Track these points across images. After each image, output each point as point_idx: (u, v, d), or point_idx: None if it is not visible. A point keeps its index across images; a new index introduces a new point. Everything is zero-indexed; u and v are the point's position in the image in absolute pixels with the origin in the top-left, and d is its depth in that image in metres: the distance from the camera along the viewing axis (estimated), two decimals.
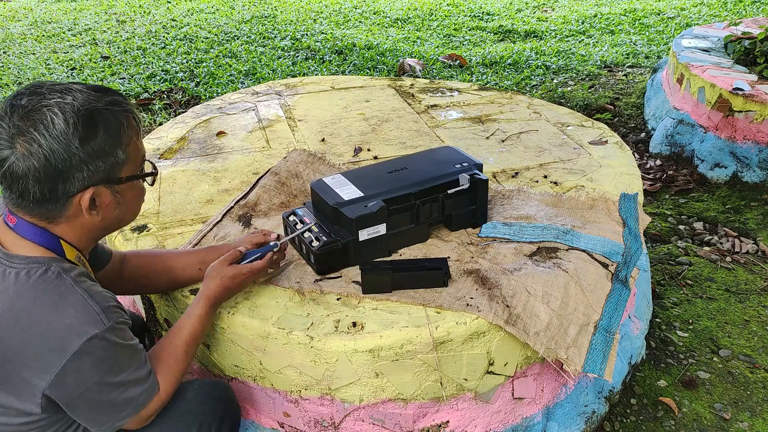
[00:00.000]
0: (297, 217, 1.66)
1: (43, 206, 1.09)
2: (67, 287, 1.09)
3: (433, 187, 1.65)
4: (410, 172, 1.69)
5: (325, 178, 1.69)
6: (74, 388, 1.09)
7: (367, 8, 6.97)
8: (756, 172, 3.12)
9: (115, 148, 1.11)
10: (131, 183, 1.18)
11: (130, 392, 1.16)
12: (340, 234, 1.56)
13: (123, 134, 1.12)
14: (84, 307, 1.08)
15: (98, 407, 1.14)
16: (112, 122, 1.10)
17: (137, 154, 1.18)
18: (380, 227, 1.58)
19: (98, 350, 1.08)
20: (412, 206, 1.62)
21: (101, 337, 1.08)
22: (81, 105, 1.07)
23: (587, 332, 1.51)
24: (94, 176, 1.10)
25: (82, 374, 1.08)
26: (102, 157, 1.09)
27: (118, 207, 1.18)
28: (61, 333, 1.06)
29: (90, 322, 1.08)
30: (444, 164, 1.73)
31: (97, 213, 1.15)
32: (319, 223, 1.61)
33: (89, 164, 1.08)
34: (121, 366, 1.14)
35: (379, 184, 1.64)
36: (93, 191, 1.11)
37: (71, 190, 1.09)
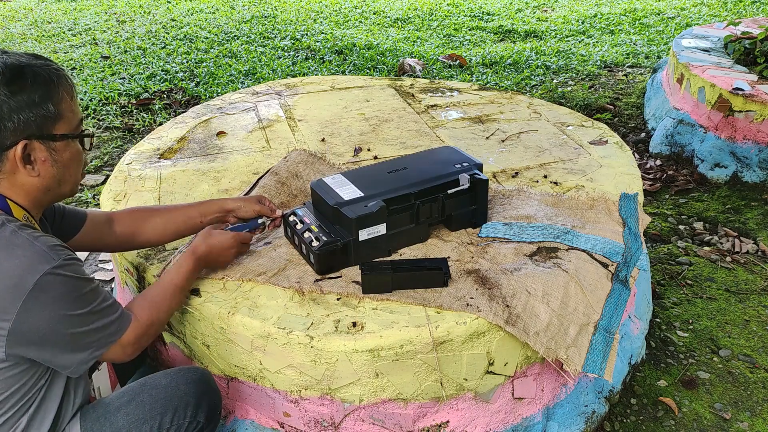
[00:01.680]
0: (297, 217, 1.66)
1: None
2: (12, 232, 1.12)
3: (433, 187, 1.64)
4: (410, 172, 1.69)
5: (325, 178, 1.69)
6: (37, 326, 1.11)
7: (367, 8, 6.97)
8: (756, 172, 3.12)
9: (45, 100, 1.14)
10: (66, 142, 1.20)
11: (99, 323, 1.18)
12: (340, 234, 1.56)
13: (53, 88, 1.16)
14: (31, 247, 1.11)
15: (66, 343, 1.15)
16: (41, 76, 1.14)
17: (72, 115, 1.20)
18: (380, 227, 1.58)
19: (54, 285, 1.11)
20: (412, 206, 1.62)
21: (54, 273, 1.10)
22: (12, 61, 1.13)
23: (587, 332, 1.51)
24: (26, 128, 1.13)
25: (42, 311, 1.10)
26: (32, 107, 1.13)
27: (55, 165, 1.20)
28: (14, 273, 1.09)
29: (41, 260, 1.10)
30: (444, 164, 1.73)
31: (33, 168, 1.17)
32: (320, 223, 1.61)
33: (19, 113, 1.11)
34: (83, 299, 1.15)
35: (379, 184, 1.64)
36: (25, 143, 1.14)
37: (4, 142, 1.12)
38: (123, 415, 1.29)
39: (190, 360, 1.66)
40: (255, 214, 1.68)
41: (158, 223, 1.59)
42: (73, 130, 1.21)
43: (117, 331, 1.23)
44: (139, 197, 2.00)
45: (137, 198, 2.00)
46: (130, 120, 4.02)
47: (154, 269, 1.64)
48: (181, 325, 1.60)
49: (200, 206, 1.64)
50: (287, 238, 1.72)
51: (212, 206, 1.65)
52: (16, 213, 1.18)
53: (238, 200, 1.68)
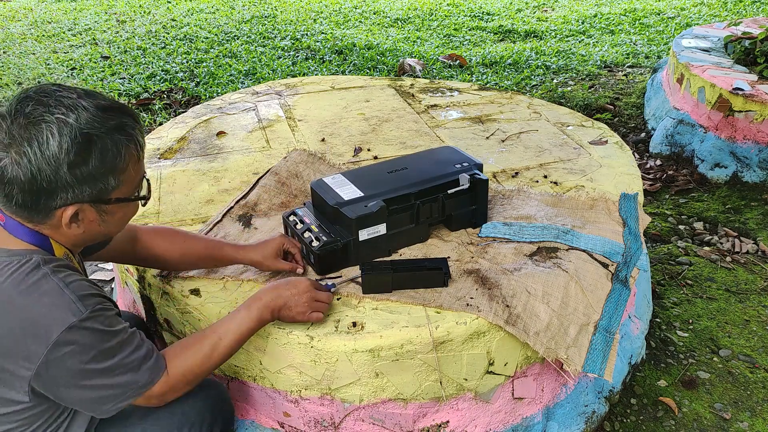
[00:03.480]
0: (297, 217, 1.65)
1: (26, 211, 1.09)
2: (43, 276, 1.08)
3: (433, 187, 1.64)
4: (410, 172, 1.69)
5: (325, 178, 1.68)
6: (60, 378, 1.09)
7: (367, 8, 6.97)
8: (756, 172, 3.12)
9: (106, 175, 1.09)
10: (121, 204, 1.16)
11: (126, 377, 1.14)
12: (341, 234, 1.56)
13: (118, 162, 1.10)
14: (60, 296, 1.07)
15: (92, 393, 1.12)
16: (109, 150, 1.08)
17: (133, 178, 1.16)
18: (380, 227, 1.58)
19: (79, 339, 1.07)
20: (412, 206, 1.62)
21: (80, 326, 1.07)
22: (81, 128, 1.05)
23: (587, 332, 1.51)
24: (80, 196, 1.09)
25: (65, 364, 1.08)
26: (90, 182, 1.08)
27: (102, 224, 1.16)
28: (40, 322, 1.06)
29: (67, 311, 1.06)
30: (444, 164, 1.73)
31: (79, 226, 1.14)
32: (320, 223, 1.61)
33: (75, 188, 1.07)
34: (109, 352, 1.11)
35: (379, 184, 1.64)
36: (77, 208, 1.10)
37: (54, 206, 1.09)
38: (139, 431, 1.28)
39: None
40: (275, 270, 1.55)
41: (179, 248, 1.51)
42: (133, 190, 1.17)
43: (145, 385, 1.17)
44: None
45: None
46: None
47: (153, 269, 1.64)
48: (181, 325, 1.60)
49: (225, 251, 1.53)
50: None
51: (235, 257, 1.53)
52: (57, 251, 1.15)
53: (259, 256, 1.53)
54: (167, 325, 1.67)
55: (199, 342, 1.25)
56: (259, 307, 1.32)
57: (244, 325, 1.29)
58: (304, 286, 1.37)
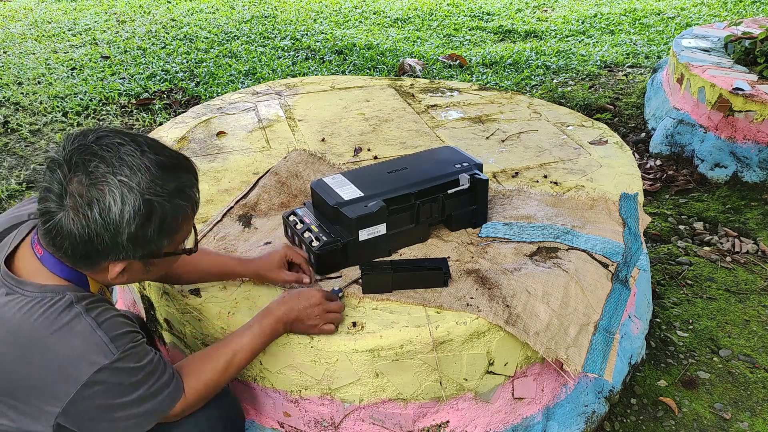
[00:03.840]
0: (297, 217, 1.65)
1: (73, 261, 1.10)
2: (76, 316, 1.07)
3: (434, 187, 1.64)
4: (410, 172, 1.69)
5: (325, 178, 1.68)
6: (86, 414, 1.09)
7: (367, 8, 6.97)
8: (756, 172, 3.12)
9: (162, 239, 1.11)
10: (167, 257, 1.17)
11: (150, 404, 1.15)
12: (341, 234, 1.56)
13: (174, 227, 1.12)
14: (91, 336, 1.07)
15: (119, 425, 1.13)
16: (168, 216, 1.09)
17: (184, 235, 1.18)
18: (380, 227, 1.58)
19: (108, 379, 1.08)
20: (412, 206, 1.62)
21: (110, 368, 1.07)
22: (143, 193, 1.04)
23: (587, 332, 1.51)
24: (131, 256, 1.10)
25: (93, 402, 1.08)
26: (145, 246, 1.09)
27: (146, 274, 1.19)
28: (70, 363, 1.06)
29: (98, 353, 1.07)
30: (444, 164, 1.73)
31: (123, 276, 1.14)
32: (320, 223, 1.61)
33: (129, 250, 1.08)
34: (137, 384, 1.12)
35: (379, 184, 1.64)
36: (125, 265, 1.11)
37: (105, 260, 1.10)
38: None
39: None
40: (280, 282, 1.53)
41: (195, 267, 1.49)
42: (178, 246, 1.18)
43: (166, 409, 1.19)
44: None
45: None
46: (130, 120, 4.02)
47: None
48: (182, 325, 1.60)
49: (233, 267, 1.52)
50: (287, 238, 1.72)
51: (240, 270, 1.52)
52: (93, 287, 1.16)
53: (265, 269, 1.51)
54: (167, 325, 1.67)
55: (214, 358, 1.27)
56: (271, 323, 1.33)
57: (257, 340, 1.31)
58: (316, 298, 1.37)
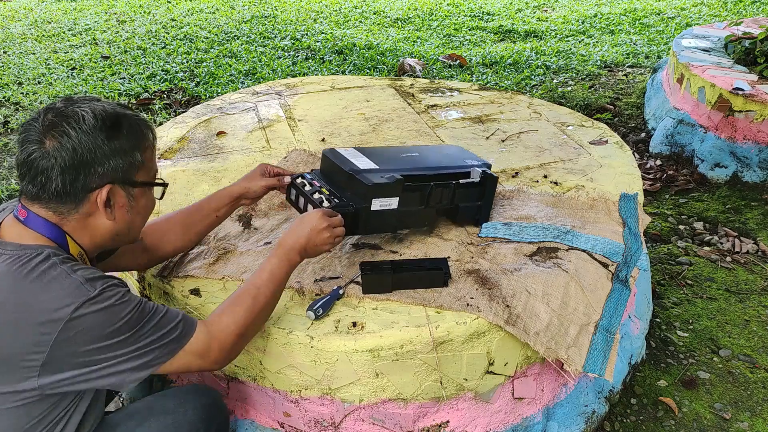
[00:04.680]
0: (306, 180, 1.61)
1: (60, 199, 1.14)
2: (52, 265, 1.10)
3: (447, 174, 1.65)
4: (423, 158, 1.71)
5: (338, 149, 1.66)
6: (71, 355, 1.08)
7: (367, 8, 6.97)
8: (756, 172, 3.12)
9: (134, 149, 1.19)
10: (144, 190, 1.24)
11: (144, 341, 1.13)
12: (353, 201, 1.53)
13: (143, 139, 1.22)
14: (67, 279, 1.09)
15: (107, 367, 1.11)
16: (134, 127, 1.20)
17: (152, 164, 1.26)
18: (393, 201, 1.56)
19: (90, 316, 1.08)
20: (425, 187, 1.61)
21: (90, 304, 1.08)
22: (110, 108, 1.18)
23: (587, 332, 1.51)
24: (113, 174, 1.17)
25: (77, 341, 1.08)
26: (122, 155, 1.17)
27: (130, 211, 1.23)
28: (49, 307, 1.07)
29: (76, 293, 1.08)
30: (455, 158, 1.76)
31: (111, 212, 1.19)
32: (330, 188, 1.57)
33: (111, 159, 1.15)
34: (125, 325, 1.11)
35: (394, 161, 1.64)
36: (110, 188, 1.17)
37: (91, 185, 1.15)
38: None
39: None
40: (264, 190, 1.60)
41: (178, 230, 1.56)
42: (152, 179, 1.26)
43: (177, 340, 1.17)
44: None
45: None
46: None
47: (153, 269, 1.64)
48: None
49: (211, 201, 1.60)
50: (290, 202, 1.65)
51: (222, 198, 1.59)
52: (72, 249, 1.17)
53: (243, 183, 1.61)
54: None
55: (239, 297, 1.29)
56: (286, 252, 1.36)
57: (276, 272, 1.34)
58: (317, 220, 1.40)
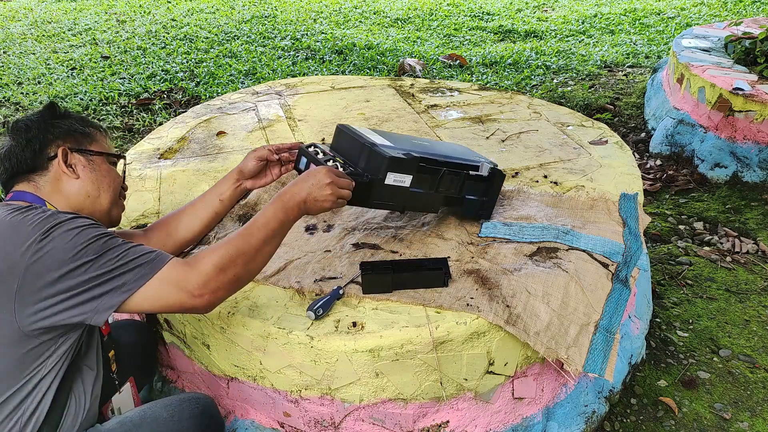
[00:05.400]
0: (318, 148, 1.59)
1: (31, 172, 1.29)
2: (33, 207, 1.20)
3: (458, 163, 1.68)
4: (434, 147, 1.74)
5: (352, 125, 1.65)
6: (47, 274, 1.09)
7: (367, 8, 6.97)
8: (756, 171, 3.12)
9: (83, 126, 1.37)
10: (103, 158, 1.38)
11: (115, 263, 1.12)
12: (368, 171, 1.51)
13: (88, 124, 1.39)
14: (43, 212, 1.17)
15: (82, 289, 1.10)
16: (79, 116, 1.40)
17: (103, 143, 1.41)
18: (407, 178, 1.55)
19: (62, 234, 1.12)
20: (437, 171, 1.62)
21: (62, 224, 1.13)
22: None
23: (587, 332, 1.51)
24: (65, 140, 1.33)
25: (48, 260, 1.09)
26: (71, 127, 1.35)
27: (93, 171, 1.34)
28: (27, 231, 1.12)
29: (49, 219, 1.14)
30: (464, 153, 1.80)
31: (74, 171, 1.32)
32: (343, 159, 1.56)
33: (59, 128, 1.33)
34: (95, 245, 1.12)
35: (408, 143, 1.66)
36: (65, 149, 1.31)
37: (49, 153, 1.30)
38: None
39: (191, 360, 1.66)
40: (259, 161, 1.59)
41: (185, 221, 1.58)
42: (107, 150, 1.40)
43: (148, 265, 1.14)
44: (140, 197, 2.00)
45: (138, 198, 2.00)
46: (130, 120, 4.02)
47: None
48: (182, 325, 1.60)
49: (215, 189, 1.61)
50: (298, 171, 1.61)
51: (225, 184, 1.61)
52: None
53: (239, 167, 1.62)
54: (167, 325, 1.67)
55: (226, 239, 1.24)
56: (285, 201, 1.31)
57: (271, 220, 1.28)
58: (323, 173, 1.36)
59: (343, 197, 1.39)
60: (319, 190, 1.34)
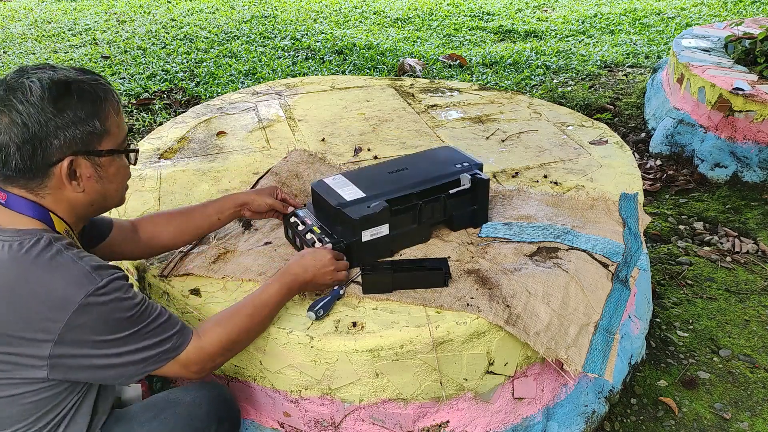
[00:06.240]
0: (298, 218, 1.65)
1: (26, 176, 1.12)
2: (57, 252, 1.11)
3: (435, 187, 1.64)
4: (411, 172, 1.69)
5: (326, 179, 1.68)
6: (81, 346, 1.09)
7: (367, 8, 6.97)
8: (756, 171, 3.12)
9: (91, 117, 1.14)
10: (112, 158, 1.20)
11: (146, 342, 1.15)
12: (343, 235, 1.56)
13: (99, 105, 1.15)
14: (75, 266, 1.10)
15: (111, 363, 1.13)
16: (87, 92, 1.14)
17: (118, 131, 1.20)
18: (383, 228, 1.57)
19: (97, 306, 1.08)
20: (414, 206, 1.62)
21: (98, 294, 1.09)
22: (58, 77, 1.12)
23: (587, 332, 1.51)
24: (72, 145, 1.13)
25: (86, 332, 1.08)
26: (78, 124, 1.12)
27: (99, 181, 1.19)
28: (57, 294, 1.07)
29: (84, 281, 1.08)
30: (444, 164, 1.73)
31: (79, 185, 1.17)
32: (321, 224, 1.61)
33: (65, 130, 1.11)
34: (128, 321, 1.12)
35: (380, 184, 1.64)
36: (71, 160, 1.13)
37: (50, 159, 1.12)
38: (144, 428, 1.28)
39: None
40: (267, 207, 1.64)
41: (177, 225, 1.57)
42: (119, 146, 1.20)
43: (174, 349, 1.19)
44: (140, 197, 2.00)
45: (137, 198, 2.00)
46: (130, 120, 4.02)
47: (154, 270, 1.64)
48: None
49: (216, 204, 1.62)
50: (288, 239, 1.71)
51: (227, 202, 1.62)
52: (58, 226, 1.17)
53: (251, 193, 1.65)
54: None
55: (236, 314, 1.31)
56: (289, 282, 1.41)
57: (275, 297, 1.38)
58: (328, 259, 1.46)
59: (339, 279, 1.50)
60: (322, 275, 1.45)
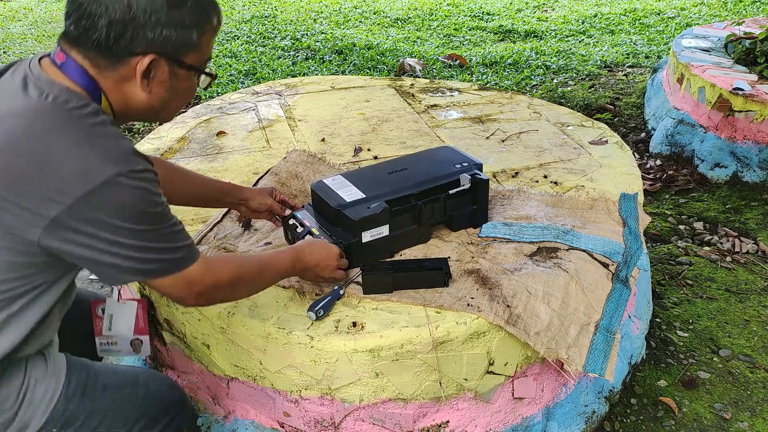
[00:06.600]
0: (297, 220, 1.65)
1: (99, 51, 1.05)
2: (103, 122, 1.04)
3: (435, 187, 1.64)
4: (411, 173, 1.69)
5: (326, 180, 1.68)
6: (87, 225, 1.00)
7: (367, 8, 6.97)
8: (756, 171, 3.12)
9: (193, 26, 1.09)
10: (189, 74, 1.14)
11: (159, 245, 1.07)
12: (343, 236, 1.56)
13: (205, 19, 1.11)
14: (117, 141, 1.03)
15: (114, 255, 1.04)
16: (201, 4, 1.09)
17: (206, 50, 1.15)
18: (383, 229, 1.57)
19: (124, 189, 1.01)
20: (414, 207, 1.62)
21: (130, 176, 1.01)
22: None
23: (588, 332, 1.51)
24: (162, 45, 1.07)
25: (100, 211, 1.00)
26: (177, 27, 1.07)
27: (169, 90, 1.13)
28: (89, 160, 0.99)
29: (120, 159, 1.01)
30: (444, 164, 1.73)
31: (148, 85, 1.10)
32: (320, 225, 1.61)
33: (164, 28, 1.05)
34: (150, 216, 1.05)
35: (380, 185, 1.64)
36: (153, 59, 1.07)
37: (134, 48, 1.05)
38: (108, 398, 1.24)
39: (190, 360, 1.66)
40: (265, 207, 1.65)
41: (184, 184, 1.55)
42: (201, 65, 1.15)
43: (182, 260, 1.11)
44: None
45: None
46: None
47: None
48: (182, 325, 1.60)
49: (224, 185, 1.63)
50: (287, 241, 1.71)
51: (233, 190, 1.64)
52: (104, 106, 1.09)
53: (252, 191, 1.66)
54: (167, 325, 1.67)
55: (248, 260, 1.31)
56: (299, 260, 1.40)
57: (283, 265, 1.37)
58: (334, 255, 1.47)
59: (337, 278, 1.51)
60: (324, 267, 1.45)
